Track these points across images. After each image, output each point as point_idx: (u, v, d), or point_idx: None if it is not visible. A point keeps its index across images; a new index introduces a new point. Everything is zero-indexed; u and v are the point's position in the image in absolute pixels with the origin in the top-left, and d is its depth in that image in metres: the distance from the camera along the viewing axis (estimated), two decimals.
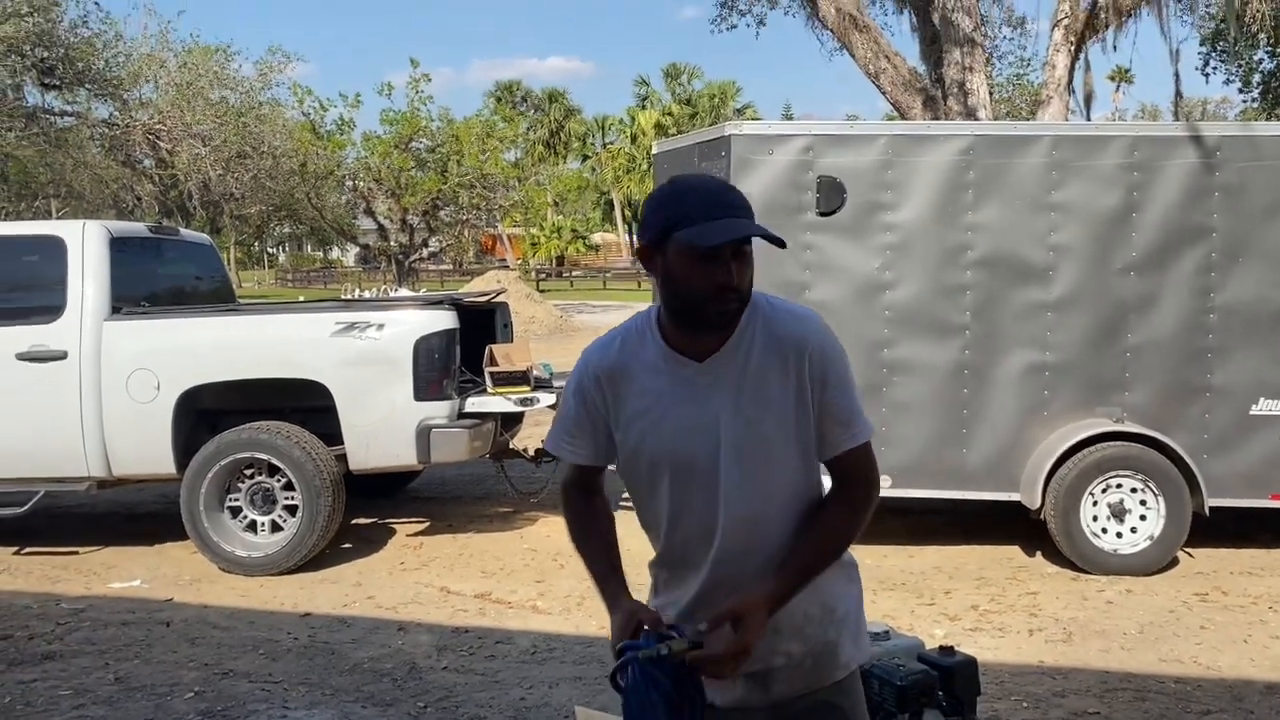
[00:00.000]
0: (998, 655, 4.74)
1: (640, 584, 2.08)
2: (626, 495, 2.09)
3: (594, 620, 5.19)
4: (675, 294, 1.88)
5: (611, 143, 64.70)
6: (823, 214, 6.10)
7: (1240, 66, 21.29)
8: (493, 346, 6.83)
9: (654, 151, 7.51)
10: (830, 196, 6.09)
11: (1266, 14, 12.27)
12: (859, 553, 2.10)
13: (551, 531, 7.04)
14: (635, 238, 6.26)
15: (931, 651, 2.74)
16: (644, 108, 62.25)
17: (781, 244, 1.86)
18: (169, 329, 6.43)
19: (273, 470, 6.17)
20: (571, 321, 26.36)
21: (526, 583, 5.94)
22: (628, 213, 62.75)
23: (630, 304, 33.09)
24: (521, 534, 7.01)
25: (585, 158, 65.72)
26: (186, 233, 8.08)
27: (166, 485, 6.92)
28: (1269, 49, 20.81)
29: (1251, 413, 6.00)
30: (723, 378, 1.93)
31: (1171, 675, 4.55)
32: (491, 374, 6.58)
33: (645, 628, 1.92)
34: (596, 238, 65.83)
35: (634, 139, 60.05)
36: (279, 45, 35.97)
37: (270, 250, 67.59)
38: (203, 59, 23.50)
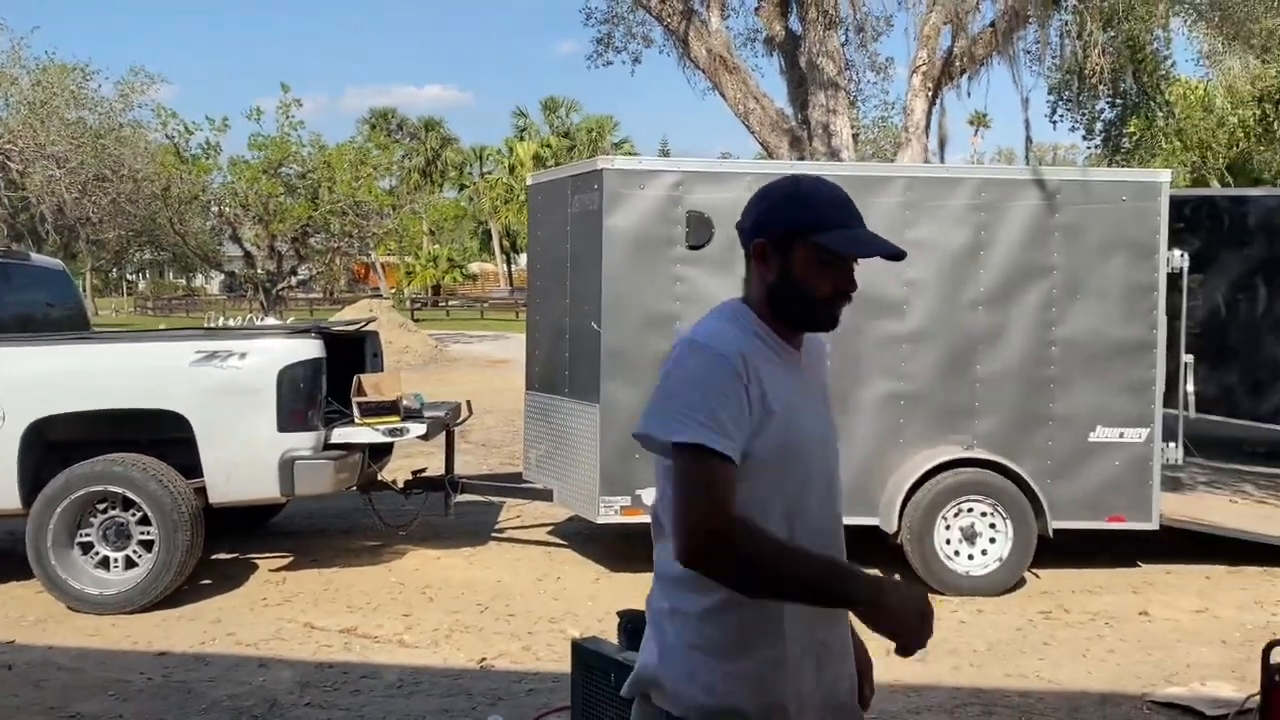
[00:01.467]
0: None
1: (500, 622, 2.09)
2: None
3: (461, 653, 5.14)
4: (794, 293, 1.87)
5: (489, 173, 64.48)
6: (692, 247, 6.27)
7: (1084, 115, 22.68)
8: (361, 376, 6.74)
9: (528, 183, 7.59)
10: (699, 231, 6.26)
11: (1105, 68, 13.14)
12: None
13: (420, 564, 6.95)
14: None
15: None
16: (522, 139, 62.27)
17: (902, 256, 1.89)
18: (16, 357, 6.14)
19: (127, 504, 5.93)
20: (447, 351, 26.04)
21: (393, 616, 5.86)
22: (506, 242, 62.57)
23: (508, 334, 32.93)
24: (389, 567, 6.91)
25: (463, 187, 65.27)
26: (38, 258, 7.75)
27: (11, 521, 6.58)
28: (1109, 100, 22.26)
29: (1090, 440, 6.38)
30: (813, 376, 1.98)
31: (1016, 689, 4.79)
32: (359, 404, 6.49)
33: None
34: (474, 267, 65.44)
35: (512, 170, 59.96)
36: (142, 66, 34.74)
37: (130, 277, 64.85)
38: (59, 77, 22.64)
